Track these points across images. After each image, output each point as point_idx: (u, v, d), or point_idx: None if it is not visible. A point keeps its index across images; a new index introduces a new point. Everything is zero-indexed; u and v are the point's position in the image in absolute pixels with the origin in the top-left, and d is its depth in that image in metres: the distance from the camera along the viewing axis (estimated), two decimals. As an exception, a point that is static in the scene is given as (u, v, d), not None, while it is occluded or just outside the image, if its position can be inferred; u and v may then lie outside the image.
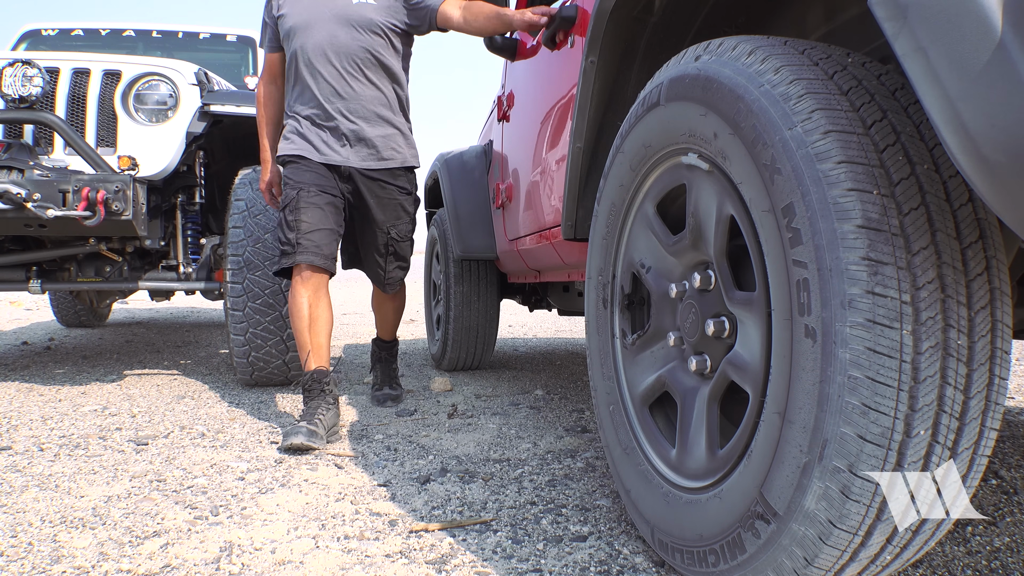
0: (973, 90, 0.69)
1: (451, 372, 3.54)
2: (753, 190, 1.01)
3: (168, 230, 3.14)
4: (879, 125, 0.90)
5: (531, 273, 2.87)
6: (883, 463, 0.86)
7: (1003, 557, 1.31)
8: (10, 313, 6.97)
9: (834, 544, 0.90)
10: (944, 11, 0.71)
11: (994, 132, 0.68)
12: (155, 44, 4.29)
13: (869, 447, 0.85)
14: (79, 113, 2.77)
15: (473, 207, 3.12)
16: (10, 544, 1.34)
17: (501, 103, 2.94)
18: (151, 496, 1.62)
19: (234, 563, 1.27)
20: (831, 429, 0.86)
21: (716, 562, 1.08)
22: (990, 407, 0.90)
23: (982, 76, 0.69)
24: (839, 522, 0.88)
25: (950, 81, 0.71)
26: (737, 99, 1.03)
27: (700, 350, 1.22)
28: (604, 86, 1.67)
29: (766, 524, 0.97)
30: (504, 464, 1.90)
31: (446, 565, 1.27)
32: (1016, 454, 1.97)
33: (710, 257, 1.18)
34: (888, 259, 0.84)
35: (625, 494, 1.37)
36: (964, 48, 0.70)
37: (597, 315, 1.52)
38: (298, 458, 1.95)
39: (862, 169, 0.87)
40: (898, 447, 0.86)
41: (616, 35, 1.58)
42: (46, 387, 3.00)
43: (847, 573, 0.96)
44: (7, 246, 2.99)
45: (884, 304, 0.84)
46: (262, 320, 2.76)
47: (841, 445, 0.86)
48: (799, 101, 0.94)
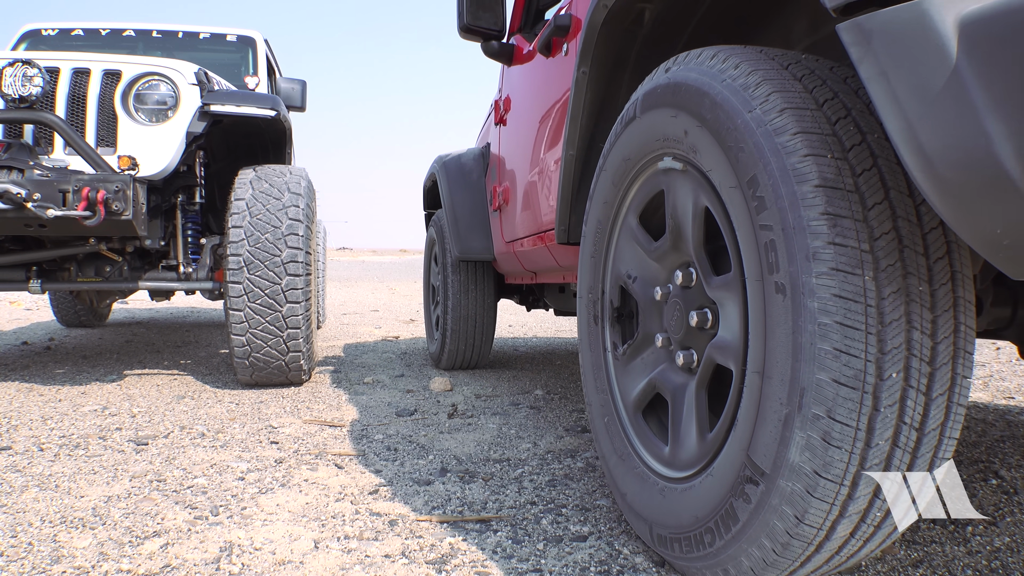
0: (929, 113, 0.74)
1: (450, 371, 3.56)
2: (721, 173, 1.08)
3: (168, 230, 3.14)
4: (831, 103, 0.98)
5: (527, 274, 2.91)
6: (859, 407, 0.89)
7: (1003, 557, 1.31)
8: (10, 313, 6.97)
9: (822, 496, 0.92)
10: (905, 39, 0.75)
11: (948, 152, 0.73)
12: (155, 44, 4.28)
13: (844, 390, 0.88)
14: (79, 113, 2.77)
15: (471, 209, 3.17)
16: (10, 544, 1.34)
17: (498, 107, 2.98)
18: (151, 496, 1.62)
19: (234, 563, 1.27)
20: (807, 377, 0.90)
21: (712, 540, 1.09)
22: (959, 355, 0.94)
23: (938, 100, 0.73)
24: (824, 471, 0.91)
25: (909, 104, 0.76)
26: (703, 95, 1.11)
27: (686, 344, 1.27)
28: (595, 96, 1.73)
29: (755, 486, 0.99)
30: (504, 464, 1.90)
31: (446, 565, 1.27)
32: (1016, 454, 1.97)
33: (690, 255, 1.24)
34: (846, 213, 0.90)
35: (622, 498, 1.38)
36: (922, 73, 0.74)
37: (589, 331, 1.57)
38: (298, 458, 1.95)
39: (816, 138, 0.94)
40: (872, 390, 0.89)
41: (607, 46, 1.63)
42: (46, 387, 2.99)
43: (838, 532, 0.97)
44: (7, 246, 2.99)
45: (845, 253, 0.89)
46: (262, 320, 2.75)
47: (818, 392, 0.89)
48: (757, 88, 1.02)
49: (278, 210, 2.79)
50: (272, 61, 4.78)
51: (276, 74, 4.89)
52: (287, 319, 2.78)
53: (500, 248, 2.95)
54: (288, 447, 2.06)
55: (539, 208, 2.31)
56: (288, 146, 3.49)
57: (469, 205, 3.19)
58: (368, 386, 3.08)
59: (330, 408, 2.62)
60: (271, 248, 2.74)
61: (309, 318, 2.89)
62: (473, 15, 2.46)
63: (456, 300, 3.32)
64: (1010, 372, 3.37)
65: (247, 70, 4.32)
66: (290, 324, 2.78)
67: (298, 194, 2.86)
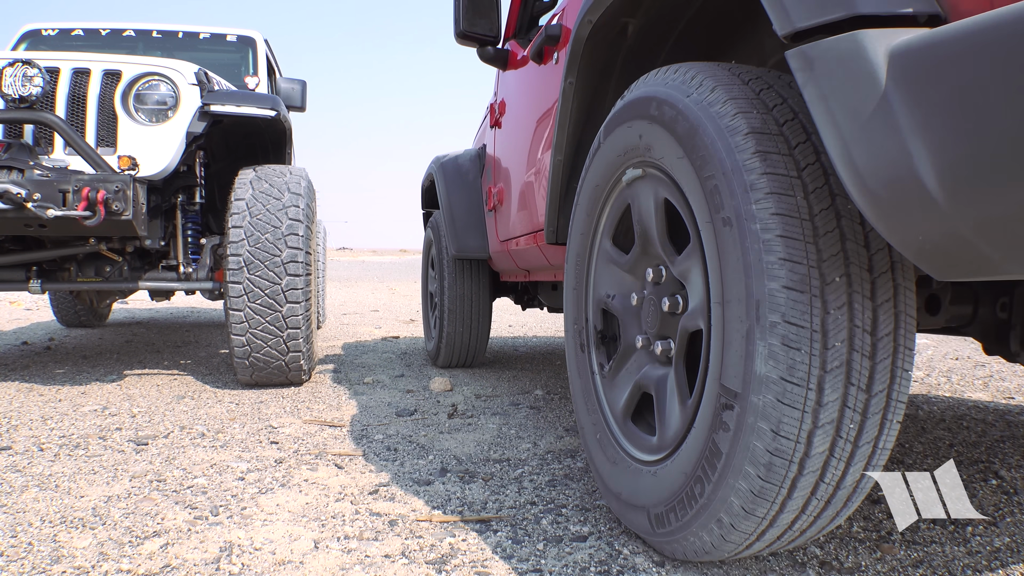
0: (861, 134, 0.83)
1: (447, 368, 3.61)
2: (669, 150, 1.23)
3: (168, 230, 3.14)
4: (767, 92, 1.12)
5: (521, 272, 2.98)
6: (810, 308, 0.98)
7: (1003, 557, 1.31)
8: (10, 313, 6.97)
9: (791, 403, 0.99)
10: (842, 66, 0.84)
11: (876, 169, 0.82)
12: (155, 44, 4.28)
13: (794, 294, 0.98)
14: (79, 113, 2.77)
15: (467, 209, 3.24)
16: (10, 544, 1.34)
17: (493, 110, 3.05)
18: (151, 496, 1.62)
19: (234, 563, 1.27)
20: (759, 289, 1.00)
21: (702, 489, 1.12)
22: (896, 266, 1.03)
23: (869, 122, 0.82)
24: (789, 375, 0.99)
25: (844, 125, 0.85)
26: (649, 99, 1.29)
27: (663, 335, 1.36)
28: (582, 105, 1.83)
29: (731, 411, 1.05)
30: (504, 464, 1.90)
31: (446, 565, 1.27)
32: (1016, 454, 1.97)
33: (657, 251, 1.36)
34: (774, 150, 1.04)
35: (616, 499, 1.41)
36: (856, 98, 0.84)
37: (577, 360, 1.63)
38: (298, 458, 1.95)
39: (744, 102, 1.10)
40: (820, 292, 0.99)
41: (592, 58, 1.72)
42: (46, 387, 2.99)
43: (816, 446, 1.01)
44: (7, 246, 2.99)
45: (778, 179, 1.02)
46: (262, 320, 2.75)
47: (771, 299, 0.99)
48: (694, 79, 1.20)
49: (278, 210, 2.79)
50: (272, 61, 4.78)
51: (276, 74, 4.89)
52: (287, 319, 2.78)
53: (495, 247, 3.02)
54: (288, 447, 2.07)
55: (532, 209, 2.38)
56: (288, 146, 3.49)
57: (465, 205, 3.26)
58: (368, 386, 3.08)
59: (330, 408, 2.62)
60: (271, 248, 2.74)
61: (309, 318, 2.89)
62: (469, 21, 2.56)
63: (452, 297, 3.38)
64: (1010, 372, 3.36)
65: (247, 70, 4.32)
66: (290, 324, 2.79)
67: (298, 194, 2.86)
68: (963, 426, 2.30)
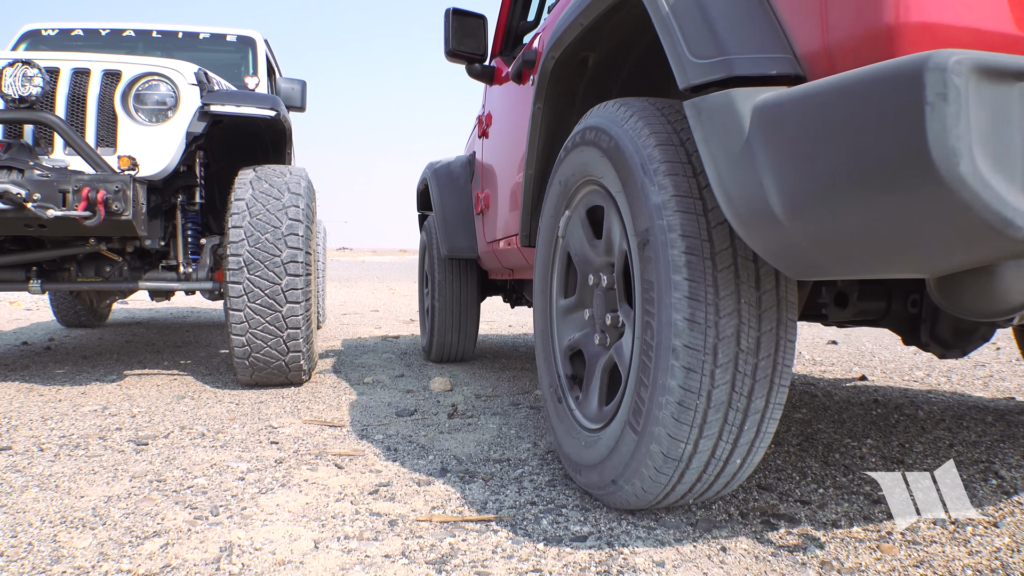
0: (730, 169, 1.08)
1: (439, 363, 3.78)
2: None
3: (168, 230, 3.13)
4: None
5: (506, 271, 3.16)
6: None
7: (1003, 557, 1.31)
8: (10, 313, 6.97)
9: (697, 325, 1.24)
10: (719, 116, 1.09)
11: (740, 197, 1.07)
12: (155, 44, 4.28)
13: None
14: (79, 113, 2.77)
15: (458, 212, 3.45)
16: (10, 544, 1.34)
17: (481, 121, 3.25)
18: (151, 496, 1.62)
19: (234, 563, 1.27)
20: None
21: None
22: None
23: (735, 161, 1.06)
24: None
25: (719, 162, 1.10)
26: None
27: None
28: (549, 127, 2.06)
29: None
30: (504, 464, 1.91)
31: (446, 565, 1.27)
32: (1016, 454, 1.97)
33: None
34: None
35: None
36: (727, 142, 1.08)
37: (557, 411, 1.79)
38: (298, 458, 1.95)
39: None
40: (711, 257, 1.25)
41: (557, 87, 1.97)
42: (46, 387, 3.00)
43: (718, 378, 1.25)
44: (7, 246, 2.99)
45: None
46: (262, 320, 2.75)
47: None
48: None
49: (278, 210, 2.79)
50: (272, 61, 4.78)
51: (276, 74, 4.89)
52: (287, 319, 2.78)
53: (483, 247, 3.20)
54: (288, 447, 2.07)
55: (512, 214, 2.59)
56: (288, 146, 3.49)
57: (456, 208, 3.46)
58: (368, 386, 3.09)
59: (330, 408, 2.62)
60: (271, 248, 2.74)
61: (309, 318, 2.89)
62: (458, 41, 2.79)
63: (444, 295, 3.59)
64: (1010, 372, 3.37)
65: (247, 70, 4.32)
66: (290, 324, 2.79)
67: (298, 194, 2.86)
68: (963, 426, 2.30)
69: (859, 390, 2.94)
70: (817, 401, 2.72)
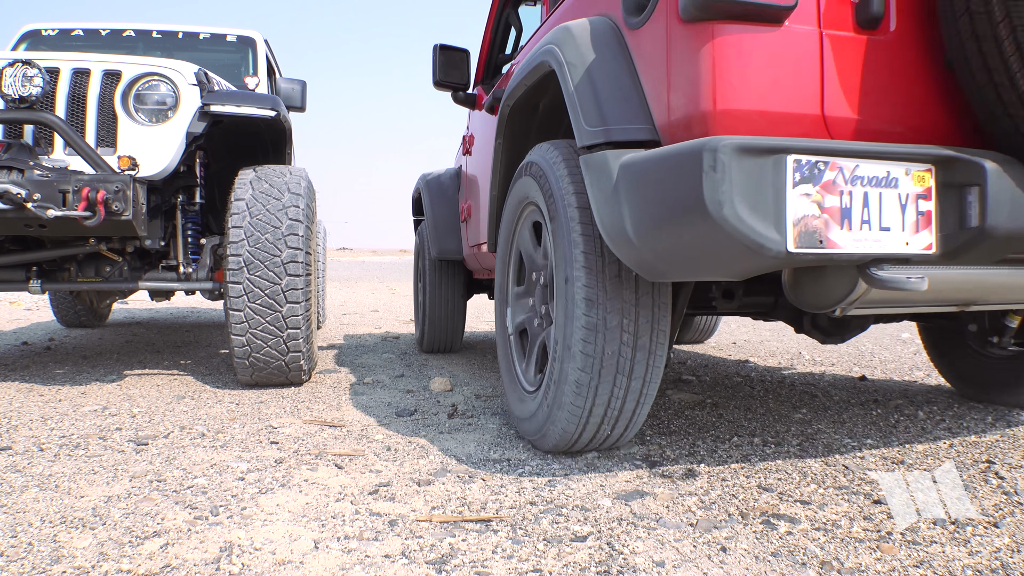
0: (604, 206, 1.56)
1: (430, 353, 4.20)
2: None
3: (168, 230, 3.13)
4: None
5: (485, 271, 3.52)
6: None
7: (1003, 557, 1.31)
8: (10, 313, 6.97)
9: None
10: (598, 169, 1.58)
11: (610, 225, 1.54)
12: (155, 44, 4.28)
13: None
14: (79, 113, 2.76)
15: (447, 218, 3.83)
16: (10, 544, 1.34)
17: (465, 140, 3.65)
18: (151, 496, 1.62)
19: (234, 563, 1.27)
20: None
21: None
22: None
23: (607, 200, 1.55)
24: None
25: (598, 199, 1.59)
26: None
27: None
28: (508, 158, 2.46)
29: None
30: (504, 464, 1.90)
31: (446, 565, 1.27)
32: (1016, 454, 1.97)
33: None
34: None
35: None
36: (602, 186, 1.57)
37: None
38: (298, 458, 1.95)
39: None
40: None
41: (514, 127, 2.39)
42: (46, 387, 3.00)
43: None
44: (7, 246, 2.99)
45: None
46: (262, 320, 2.75)
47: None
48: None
49: (278, 210, 2.79)
50: (272, 61, 4.78)
51: (276, 74, 4.89)
52: (287, 319, 2.78)
53: (467, 250, 3.58)
54: (288, 447, 2.06)
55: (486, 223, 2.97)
56: (288, 146, 3.49)
57: (445, 215, 3.85)
58: (368, 386, 3.09)
59: (330, 408, 2.62)
60: (271, 248, 2.74)
61: (309, 318, 2.89)
62: (444, 72, 3.21)
63: (433, 292, 4.00)
64: (1010, 372, 3.37)
65: (247, 70, 4.32)
66: (290, 324, 2.79)
67: (298, 194, 2.86)
68: (963, 426, 2.30)
69: (859, 390, 2.93)
70: (817, 401, 2.72)
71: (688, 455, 1.98)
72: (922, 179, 1.38)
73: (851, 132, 1.44)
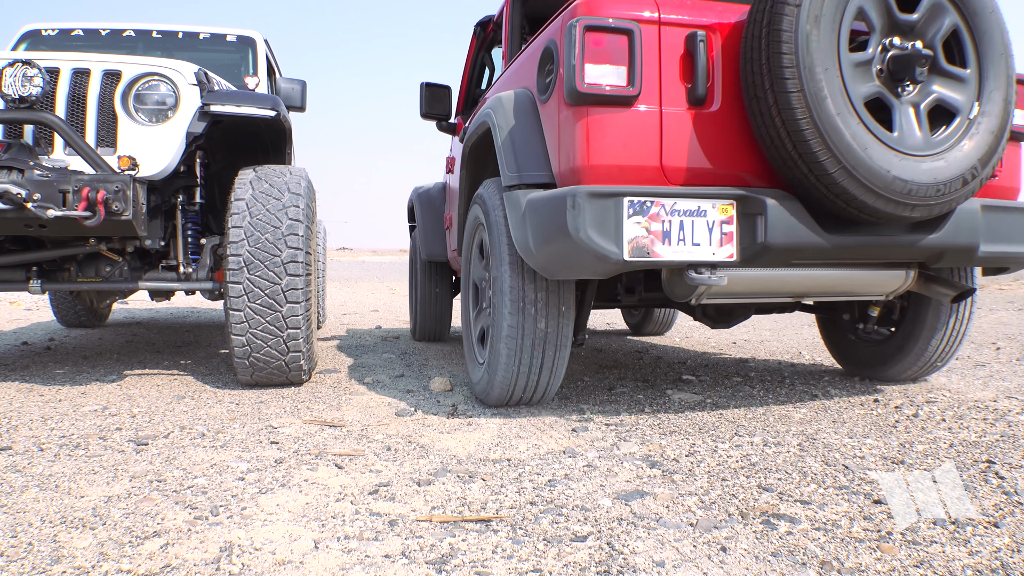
0: (516, 229, 2.25)
1: (422, 341, 4.79)
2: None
3: (168, 230, 3.13)
4: None
5: None
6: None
7: (1003, 557, 1.31)
8: (10, 313, 6.97)
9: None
10: (514, 202, 2.27)
11: (520, 241, 2.23)
12: (155, 44, 4.28)
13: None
14: (79, 113, 2.76)
15: (434, 226, 4.43)
16: (10, 544, 1.34)
17: (448, 161, 4.32)
18: (151, 496, 1.62)
19: (234, 563, 1.27)
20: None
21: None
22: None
23: (518, 225, 2.23)
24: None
25: (513, 224, 2.28)
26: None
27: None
28: (469, 186, 3.07)
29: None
30: (504, 464, 1.90)
31: (446, 565, 1.27)
32: (1016, 454, 1.97)
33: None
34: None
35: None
36: (515, 215, 2.25)
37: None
38: (298, 458, 1.95)
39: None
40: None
41: (474, 163, 2.98)
42: (46, 387, 2.99)
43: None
44: (7, 246, 2.99)
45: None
46: (262, 320, 2.75)
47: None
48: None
49: (278, 210, 2.79)
50: (272, 61, 4.77)
51: (276, 74, 4.89)
52: (287, 319, 2.78)
53: (450, 254, 4.09)
54: (288, 447, 2.06)
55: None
56: (288, 146, 3.49)
57: (433, 223, 4.44)
58: (368, 386, 3.09)
59: (330, 408, 2.62)
60: (271, 248, 2.74)
61: (309, 318, 2.89)
62: (429, 105, 3.92)
63: (424, 289, 4.68)
64: (1010, 372, 3.36)
65: (247, 70, 4.32)
66: (290, 324, 2.79)
67: (298, 194, 2.86)
68: (963, 426, 2.30)
69: (858, 390, 2.93)
70: (817, 401, 2.72)
71: (688, 455, 1.98)
72: (726, 210, 2.00)
73: (682, 178, 2.06)
